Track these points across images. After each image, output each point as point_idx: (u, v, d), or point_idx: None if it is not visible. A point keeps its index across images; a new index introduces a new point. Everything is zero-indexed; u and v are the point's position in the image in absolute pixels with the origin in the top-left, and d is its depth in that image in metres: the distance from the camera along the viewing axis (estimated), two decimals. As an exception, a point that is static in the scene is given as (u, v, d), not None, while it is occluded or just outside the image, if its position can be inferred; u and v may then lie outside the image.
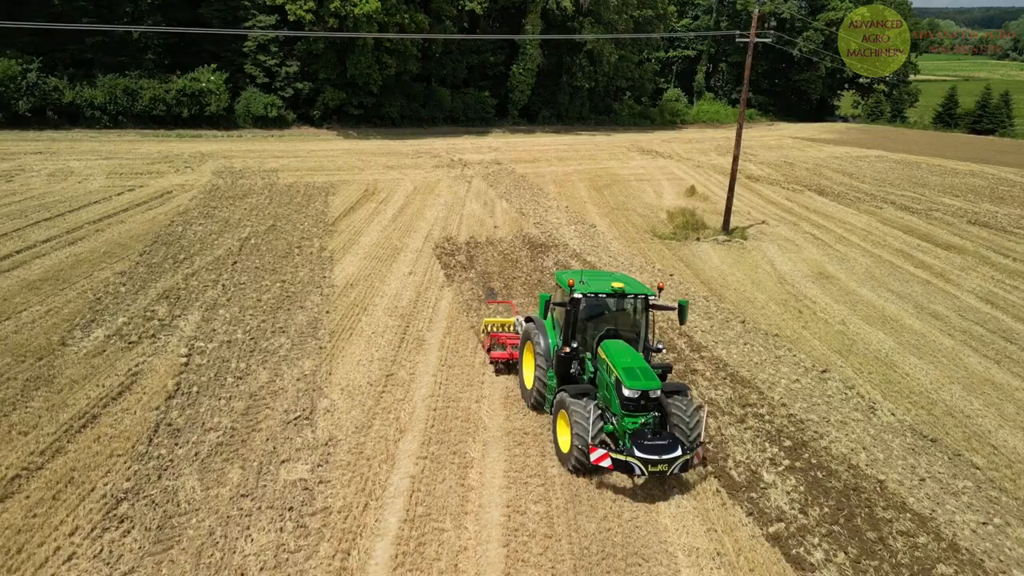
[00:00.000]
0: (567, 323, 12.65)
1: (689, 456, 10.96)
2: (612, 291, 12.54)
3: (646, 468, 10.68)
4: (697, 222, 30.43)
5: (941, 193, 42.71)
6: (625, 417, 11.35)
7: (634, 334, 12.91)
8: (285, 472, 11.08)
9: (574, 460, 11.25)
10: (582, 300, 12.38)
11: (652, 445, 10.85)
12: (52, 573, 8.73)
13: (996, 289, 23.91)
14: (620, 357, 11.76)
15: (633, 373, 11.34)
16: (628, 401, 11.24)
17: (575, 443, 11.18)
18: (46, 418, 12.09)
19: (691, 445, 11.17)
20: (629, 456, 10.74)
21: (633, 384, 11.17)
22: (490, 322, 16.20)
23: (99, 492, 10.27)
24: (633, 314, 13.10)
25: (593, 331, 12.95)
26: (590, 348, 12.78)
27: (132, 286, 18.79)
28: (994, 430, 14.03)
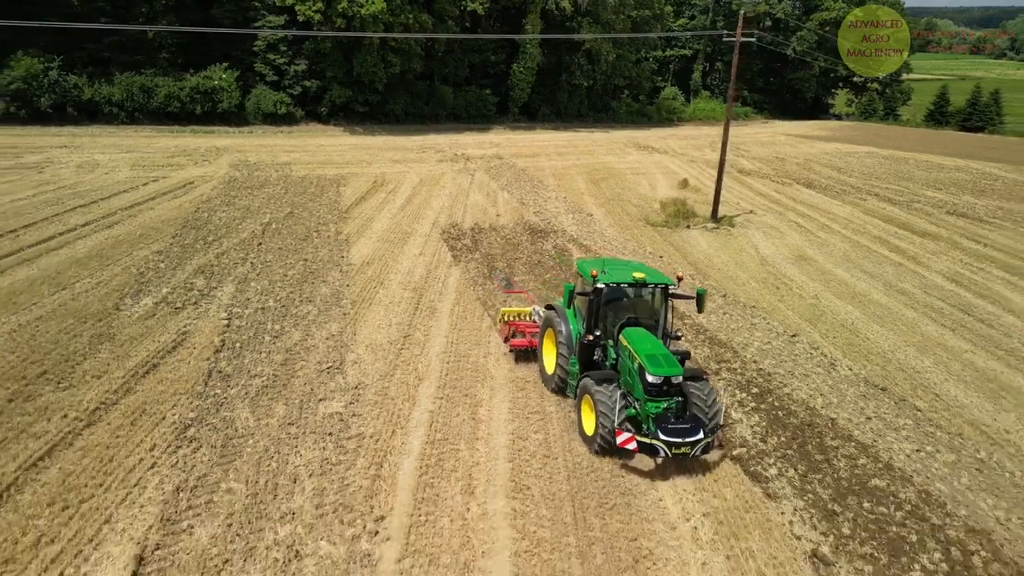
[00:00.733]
0: (590, 312, 13.09)
1: (710, 439, 11.56)
2: (633, 281, 12.94)
3: (670, 450, 11.21)
4: (688, 211, 32.32)
5: (925, 186, 44.58)
6: (648, 402, 11.77)
7: (654, 322, 13.31)
8: (323, 407, 13.02)
9: (599, 442, 11.76)
10: (604, 289, 12.84)
11: (676, 428, 11.38)
12: (139, 477, 10.66)
13: (963, 271, 25.82)
14: (642, 344, 12.18)
15: (656, 360, 11.77)
16: (651, 387, 11.68)
17: (600, 427, 11.67)
18: (114, 365, 14.04)
19: (711, 428, 11.73)
20: (654, 439, 11.26)
21: (656, 371, 11.61)
22: (508, 312, 16.74)
23: (169, 420, 12.21)
24: (653, 303, 13.53)
25: (614, 319, 13.30)
26: (611, 336, 13.15)
27: (170, 263, 20.72)
28: (939, 383, 15.97)
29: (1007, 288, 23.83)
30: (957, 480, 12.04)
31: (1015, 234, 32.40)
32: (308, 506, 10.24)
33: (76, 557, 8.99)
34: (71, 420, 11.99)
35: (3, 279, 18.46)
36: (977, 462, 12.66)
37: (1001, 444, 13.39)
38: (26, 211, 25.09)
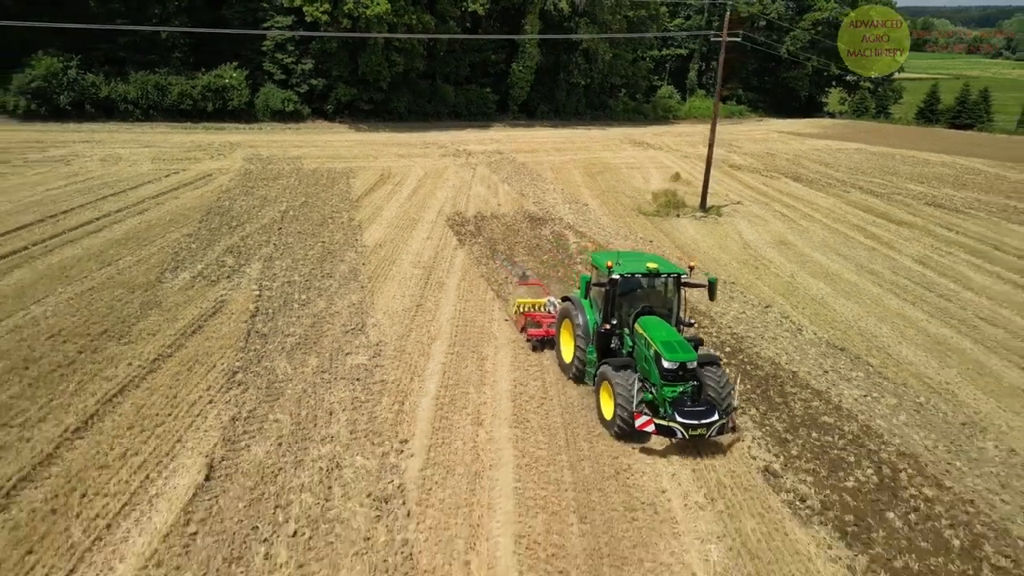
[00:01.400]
0: (606, 302, 13.58)
1: (725, 420, 12.11)
2: (647, 271, 13.48)
3: (687, 432, 11.77)
4: (678, 201, 34.28)
5: (908, 180, 46.54)
6: (664, 387, 12.28)
7: (667, 310, 13.83)
8: (350, 360, 14.99)
9: (618, 425, 12.28)
10: (620, 280, 13.34)
11: (692, 411, 11.98)
12: (200, 409, 12.64)
13: (932, 254, 27.78)
14: (657, 332, 12.69)
15: (671, 346, 12.29)
16: (667, 372, 12.20)
17: (618, 411, 12.22)
18: (165, 326, 16.02)
19: (725, 410, 12.29)
20: (672, 422, 11.84)
21: (672, 356, 12.14)
22: (523, 303, 17.28)
23: (219, 368, 14.19)
24: (666, 292, 14.02)
25: (629, 308, 13.77)
26: (627, 324, 13.65)
27: (200, 244, 22.69)
28: (893, 345, 17.95)
29: (970, 269, 25.79)
30: (896, 418, 14.02)
31: (987, 223, 34.34)
32: (343, 432, 12.22)
33: (157, 465, 10.96)
34: (135, 367, 13.97)
35: (53, 256, 20.44)
36: (916, 405, 14.65)
37: (940, 392, 15.38)
38: (61, 199, 27.04)
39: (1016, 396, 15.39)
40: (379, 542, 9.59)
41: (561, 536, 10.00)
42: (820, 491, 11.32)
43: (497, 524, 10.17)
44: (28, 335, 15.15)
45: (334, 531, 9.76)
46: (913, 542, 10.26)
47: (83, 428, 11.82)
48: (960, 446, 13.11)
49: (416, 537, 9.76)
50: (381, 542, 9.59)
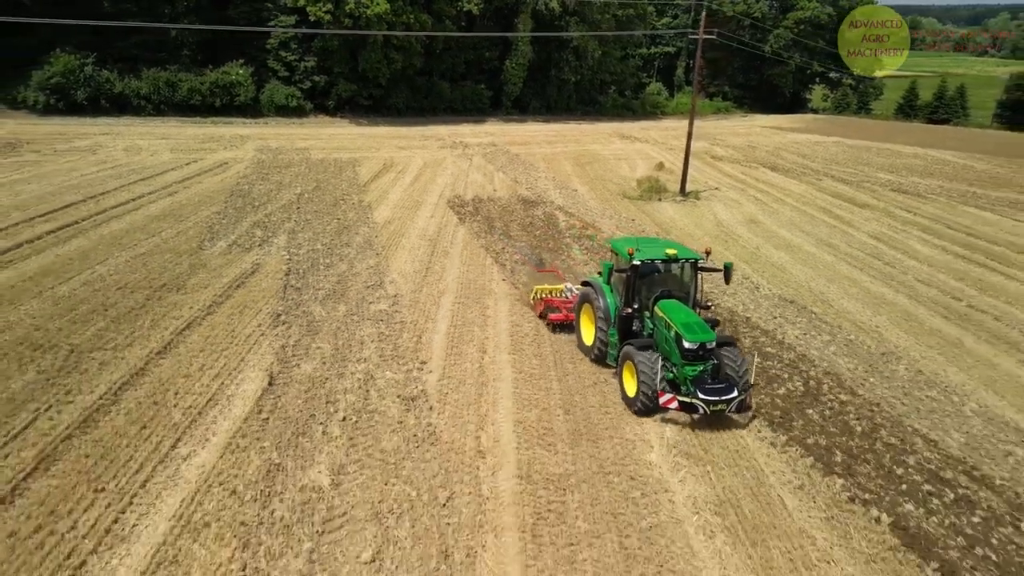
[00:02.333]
0: (627, 286, 14.11)
1: (744, 396, 12.79)
2: (666, 257, 14.07)
3: (708, 407, 12.40)
4: (660, 187, 37.16)
5: (878, 170, 49.54)
6: (685, 366, 12.88)
7: (684, 294, 14.40)
8: (373, 307, 17.80)
9: (641, 401, 12.90)
10: (640, 266, 13.89)
11: (713, 388, 12.59)
12: (256, 339, 15.42)
13: (887, 231, 30.74)
14: (677, 314, 13.27)
15: (691, 328, 12.87)
16: (688, 352, 12.77)
17: (641, 388, 12.81)
18: (213, 281, 18.79)
19: (743, 387, 12.91)
20: (694, 398, 12.49)
21: (692, 337, 12.72)
22: (540, 289, 18.04)
23: (265, 311, 16.98)
24: (683, 276, 14.61)
25: (648, 292, 14.27)
26: (647, 308, 14.18)
27: (229, 220, 25.41)
28: (836, 299, 20.87)
29: (919, 243, 28.75)
30: (827, 349, 16.92)
31: (945, 206, 37.34)
32: (374, 355, 15.02)
33: (229, 375, 13.75)
34: (196, 310, 16.75)
35: (103, 229, 23.16)
36: (846, 341, 17.57)
37: (868, 332, 18.30)
38: (97, 183, 29.70)
39: (933, 336, 18.33)
40: (409, 424, 12.41)
41: (550, 422, 12.84)
42: (756, 396, 14.16)
43: (500, 415, 13.00)
44: (100, 287, 17.91)
45: (374, 418, 12.57)
46: (825, 428, 13.14)
47: (164, 351, 14.60)
48: (876, 368, 16.03)
49: (438, 422, 12.58)
50: (411, 424, 12.41)
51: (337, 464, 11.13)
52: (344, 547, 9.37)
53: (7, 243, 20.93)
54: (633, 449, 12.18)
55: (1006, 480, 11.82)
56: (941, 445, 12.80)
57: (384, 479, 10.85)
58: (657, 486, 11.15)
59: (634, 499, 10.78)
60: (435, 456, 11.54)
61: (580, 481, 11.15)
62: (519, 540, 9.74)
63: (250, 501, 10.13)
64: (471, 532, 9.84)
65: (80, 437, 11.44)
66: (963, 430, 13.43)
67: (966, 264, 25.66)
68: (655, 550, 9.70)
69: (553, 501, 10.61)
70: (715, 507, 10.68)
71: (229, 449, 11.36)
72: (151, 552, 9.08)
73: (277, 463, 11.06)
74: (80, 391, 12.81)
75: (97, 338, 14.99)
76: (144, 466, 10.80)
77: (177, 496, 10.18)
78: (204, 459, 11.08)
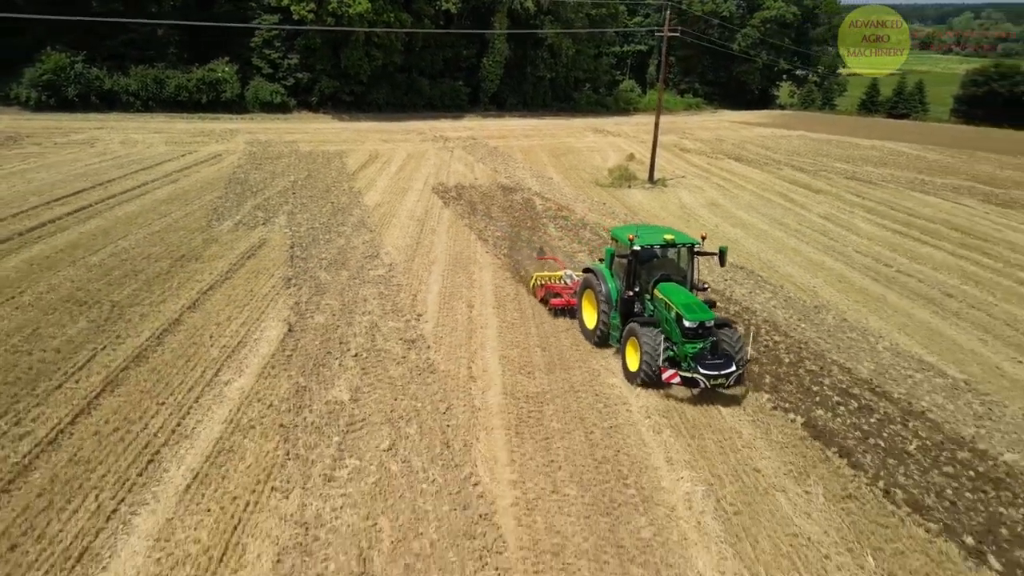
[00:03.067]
0: (628, 271, 14.82)
1: (741, 371, 13.56)
2: (664, 242, 14.87)
3: (709, 382, 13.12)
4: (630, 175, 39.76)
5: (836, 160, 52.59)
6: (685, 344, 13.53)
7: (682, 277, 15.17)
8: (372, 272, 20.10)
9: (643, 373, 13.61)
10: (640, 251, 14.64)
11: (712, 364, 13.25)
12: (272, 298, 17.66)
13: (836, 212, 33.57)
14: (677, 296, 14.01)
15: (691, 308, 13.57)
16: (688, 330, 13.42)
17: (645, 361, 13.53)
18: (227, 252, 20.96)
19: (740, 362, 13.65)
20: (695, 373, 13.19)
21: (692, 316, 13.41)
22: (540, 276, 18.89)
23: (276, 276, 19.22)
24: (680, 260, 15.44)
25: (648, 276, 14.95)
26: (647, 291, 14.88)
27: (232, 203, 27.51)
28: (781, 266, 23.53)
29: (863, 222, 31.59)
30: (768, 303, 19.54)
31: (893, 192, 40.34)
32: (376, 310, 17.34)
33: (254, 324, 15.99)
34: (216, 275, 18.95)
35: (118, 211, 25.19)
36: (785, 297, 20.22)
37: (805, 291, 20.97)
38: (101, 172, 31.58)
39: (861, 293, 21.05)
40: (411, 359, 14.76)
41: (529, 357, 15.26)
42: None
43: (487, 352, 15.40)
44: (127, 257, 20.03)
45: (381, 355, 14.90)
46: (758, 359, 15.69)
47: (193, 307, 16.81)
48: (808, 317, 18.68)
49: (435, 357, 14.95)
50: (413, 359, 14.76)
51: (354, 386, 13.45)
52: (366, 440, 11.70)
53: (32, 222, 22.91)
54: (599, 375, 14.64)
55: (903, 395, 14.46)
56: (853, 371, 15.43)
57: (393, 396, 13.20)
58: (617, 400, 13.62)
59: (598, 409, 13.23)
60: (434, 381, 13.90)
61: (554, 396, 13.59)
62: (505, 435, 12.14)
63: (285, 411, 12.42)
64: (467, 430, 12.22)
65: (135, 368, 13.65)
66: (874, 361, 16.08)
67: (902, 239, 28.51)
68: (613, 441, 12.16)
69: (532, 411, 13.03)
70: (663, 413, 13.16)
71: (262, 376, 13.64)
72: (211, 445, 11.34)
73: (303, 385, 13.36)
74: (128, 335, 15.00)
75: (134, 296, 17.15)
76: (194, 388, 13.05)
77: (225, 408, 12.45)
78: (243, 383, 13.35)
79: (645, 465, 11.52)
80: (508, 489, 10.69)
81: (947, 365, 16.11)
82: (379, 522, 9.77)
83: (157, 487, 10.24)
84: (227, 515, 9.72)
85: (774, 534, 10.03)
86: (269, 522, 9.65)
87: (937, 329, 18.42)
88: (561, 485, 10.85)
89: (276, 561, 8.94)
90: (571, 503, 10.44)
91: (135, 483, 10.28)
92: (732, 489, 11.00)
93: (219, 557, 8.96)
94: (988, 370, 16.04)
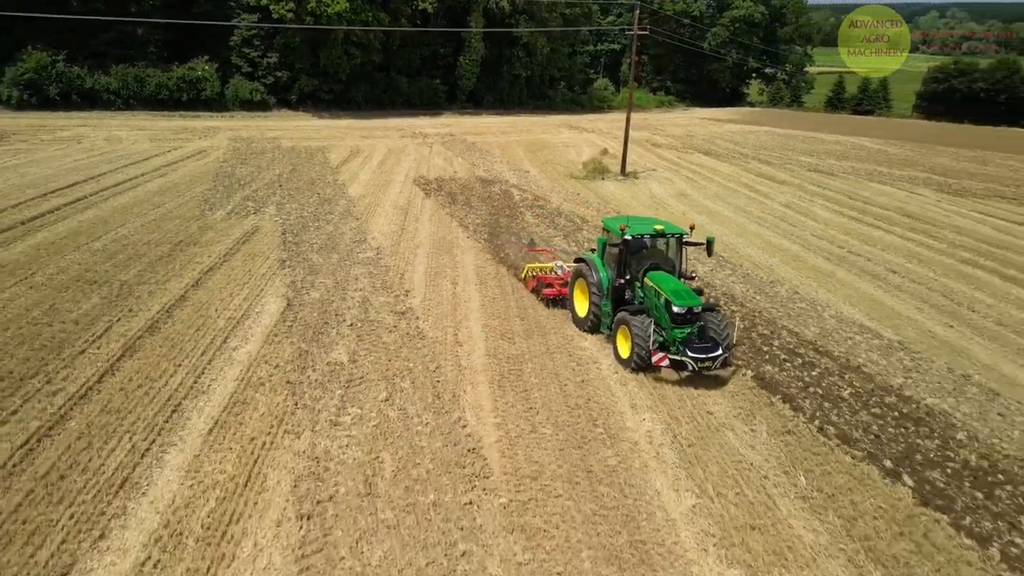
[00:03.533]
0: (619, 260, 15.36)
1: (727, 355, 14.17)
2: (654, 232, 15.42)
3: (696, 364, 13.71)
4: (603, 168, 41.43)
5: (801, 154, 54.74)
6: (674, 329, 14.06)
7: (671, 266, 15.69)
8: (361, 255, 21.48)
9: (635, 360, 14.24)
10: (631, 241, 15.18)
11: (700, 347, 13.82)
12: (269, 277, 18.98)
13: (797, 201, 35.51)
14: (666, 283, 14.52)
15: (680, 294, 14.10)
16: (677, 316, 13.94)
17: (636, 348, 14.14)
18: (223, 238, 22.22)
19: (726, 346, 14.19)
20: (683, 356, 13.75)
21: (681, 302, 13.94)
22: (532, 267, 19.43)
23: (272, 258, 20.53)
24: (669, 250, 15.99)
25: (638, 265, 15.44)
26: (637, 279, 15.36)
27: (222, 195, 28.69)
28: (741, 248, 25.30)
29: (822, 210, 33.53)
30: (728, 280, 21.26)
31: (853, 183, 42.42)
32: (367, 286, 18.75)
33: (255, 299, 17.33)
34: (215, 258, 20.23)
35: (113, 202, 26.30)
36: (743, 273, 21.96)
37: (762, 268, 22.74)
38: (92, 166, 32.55)
39: (813, 270, 22.86)
40: (402, 328, 16.20)
41: (509, 326, 16.78)
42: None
43: (471, 322, 16.89)
44: (128, 243, 21.23)
45: (374, 324, 16.32)
46: (717, 326, 17.35)
47: (197, 285, 18.10)
48: (763, 290, 20.42)
49: (424, 326, 16.41)
50: (403, 328, 16.21)
51: (351, 350, 14.88)
52: (365, 393, 13.14)
53: (33, 212, 23.97)
54: (572, 340, 16.21)
55: (842, 353, 16.20)
56: (800, 335, 17.16)
57: (388, 358, 14.64)
58: (589, 360, 15.19)
59: (571, 367, 14.79)
60: (424, 346, 15.37)
61: (532, 357, 15.12)
62: (489, 388, 13.65)
63: (291, 371, 13.81)
64: (455, 384, 13.71)
65: (150, 337, 14.95)
66: (819, 326, 17.84)
67: (856, 224, 30.47)
68: (585, 391, 13.72)
69: (513, 368, 14.55)
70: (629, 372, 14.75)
71: (267, 342, 15.01)
72: (227, 398, 12.70)
73: (305, 350, 14.75)
74: (140, 309, 16.28)
75: (140, 276, 18.40)
76: (206, 352, 14.39)
77: (235, 369, 13.81)
78: (250, 349, 14.71)
79: (612, 410, 13.09)
80: (492, 430, 12.19)
81: (884, 329, 17.90)
82: (381, 456, 11.22)
83: (183, 432, 11.59)
84: (247, 452, 11.10)
85: (722, 461, 11.64)
86: (284, 457, 11.05)
87: (879, 300, 20.25)
88: (538, 426, 12.37)
89: (293, 486, 10.35)
90: (547, 440, 11.97)
91: (162, 428, 11.62)
92: (687, 428, 12.61)
93: (244, 483, 10.35)
94: (921, 333, 17.86)
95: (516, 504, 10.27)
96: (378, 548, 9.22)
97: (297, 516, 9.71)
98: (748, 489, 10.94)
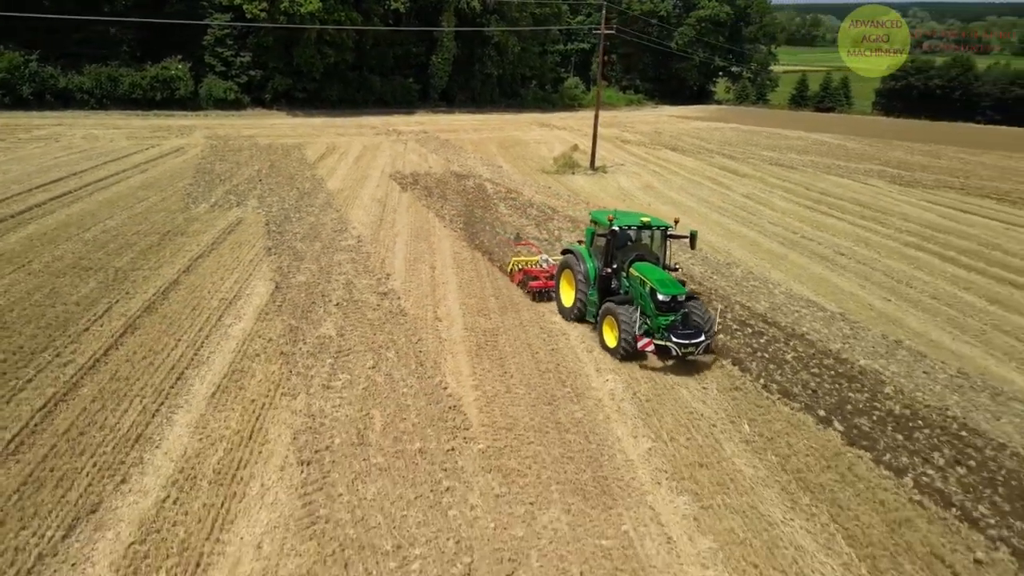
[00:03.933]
0: (606, 251, 15.93)
1: (709, 341, 14.74)
2: (640, 224, 16.16)
3: (680, 350, 14.31)
4: (574, 163, 42.88)
5: (764, 149, 56.74)
6: (659, 316, 14.60)
7: (656, 258, 16.30)
8: (342, 243, 22.63)
9: (623, 347, 14.73)
10: (619, 232, 15.93)
11: (684, 334, 14.39)
12: (256, 263, 20.06)
13: (757, 192, 37.28)
14: (651, 273, 15.08)
15: (664, 283, 14.69)
16: (662, 304, 14.51)
17: (623, 337, 14.68)
18: (209, 229, 23.21)
19: (709, 333, 14.79)
20: (668, 342, 14.31)
21: (666, 291, 14.52)
22: (518, 260, 19.99)
23: (257, 247, 21.60)
24: (654, 242, 16.68)
25: (624, 256, 16.02)
26: (623, 269, 15.88)
27: (204, 190, 29.57)
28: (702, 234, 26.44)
29: (780, 200, 35.32)
30: (687, 262, 22.77)
31: (811, 175, 44.39)
32: (351, 271, 19.92)
33: (244, 282, 18.42)
34: (203, 246, 21.25)
35: (97, 196, 27.08)
36: (703, 256, 23.51)
37: (720, 252, 24.33)
38: (72, 163, 33.17)
39: (767, 254, 24.51)
40: (385, 306, 17.43)
41: (485, 304, 18.09)
42: (632, 287, 19.74)
43: (449, 301, 18.17)
44: (118, 233, 22.14)
45: (359, 303, 17.52)
46: (676, 302, 18.81)
47: (188, 271, 19.14)
48: (720, 271, 21.99)
49: (405, 304, 17.65)
50: (386, 306, 17.43)
51: (339, 325, 16.07)
52: (353, 362, 14.36)
53: (20, 206, 24.70)
54: (544, 315, 17.56)
55: (788, 323, 17.77)
56: (752, 308, 18.71)
57: (373, 332, 15.86)
58: (559, 332, 16.56)
59: (543, 338, 16.15)
60: (406, 322, 16.61)
61: (506, 330, 16.45)
62: (467, 355, 14.95)
63: (284, 344, 14.97)
64: (436, 354, 14.99)
65: (148, 316, 16.00)
66: (769, 301, 19.42)
67: (811, 213, 32.28)
68: (554, 358, 15.08)
69: (488, 340, 15.86)
70: (596, 342, 16.14)
71: (259, 319, 16.15)
72: (225, 367, 13.83)
73: (295, 326, 15.91)
74: (136, 292, 17.31)
75: (133, 263, 19.38)
76: (203, 328, 15.49)
77: (231, 343, 14.93)
78: (243, 326, 15.83)
79: (579, 373, 14.47)
80: (471, 391, 13.49)
81: (828, 303, 19.54)
82: (371, 413, 12.46)
83: (188, 396, 12.72)
84: (248, 411, 12.27)
85: (676, 413, 13.07)
86: (283, 414, 12.24)
87: (826, 278, 21.92)
88: (512, 387, 13.70)
89: (293, 438, 11.55)
90: (521, 398, 13.30)
91: (169, 393, 12.73)
92: (646, 387, 14.03)
93: (248, 436, 11.53)
94: (861, 306, 19.53)
95: (493, 450, 11.58)
96: (372, 486, 10.46)
97: (298, 462, 10.91)
98: (697, 435, 12.38)
